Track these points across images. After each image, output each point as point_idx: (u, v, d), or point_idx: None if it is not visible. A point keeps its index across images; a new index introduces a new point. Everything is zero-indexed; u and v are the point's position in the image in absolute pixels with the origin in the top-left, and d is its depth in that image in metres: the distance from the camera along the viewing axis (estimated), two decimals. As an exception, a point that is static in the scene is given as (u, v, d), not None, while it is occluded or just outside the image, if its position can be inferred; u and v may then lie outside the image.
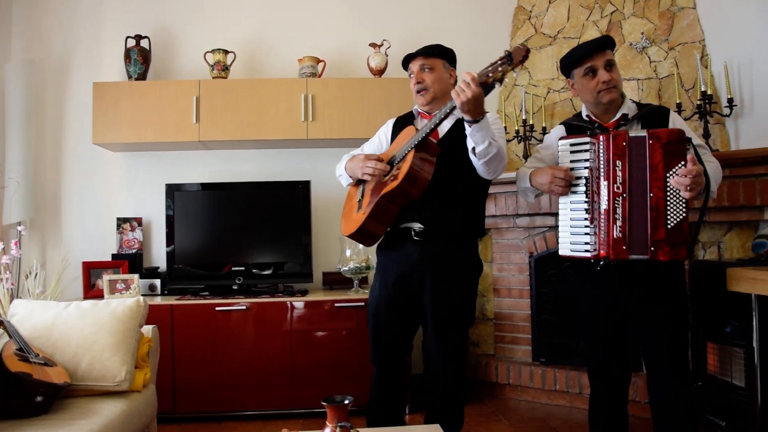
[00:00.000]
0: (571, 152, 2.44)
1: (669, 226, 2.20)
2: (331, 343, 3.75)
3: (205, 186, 4.19)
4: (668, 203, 2.21)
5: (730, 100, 3.44)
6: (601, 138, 2.33)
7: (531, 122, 4.17)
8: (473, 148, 2.41)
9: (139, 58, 4.18)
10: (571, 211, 2.44)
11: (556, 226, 3.90)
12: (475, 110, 2.27)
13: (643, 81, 3.96)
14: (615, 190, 2.29)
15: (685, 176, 2.16)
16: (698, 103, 3.51)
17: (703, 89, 3.50)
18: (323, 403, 1.86)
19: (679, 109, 3.54)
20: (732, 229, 3.40)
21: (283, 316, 3.75)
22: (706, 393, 2.99)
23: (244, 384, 3.70)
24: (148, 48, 4.27)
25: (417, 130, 2.55)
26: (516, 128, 4.22)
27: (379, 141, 2.90)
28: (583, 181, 2.38)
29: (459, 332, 2.66)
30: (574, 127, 2.57)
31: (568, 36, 4.34)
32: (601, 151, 2.33)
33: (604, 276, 2.41)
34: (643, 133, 2.27)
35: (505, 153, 2.50)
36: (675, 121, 2.43)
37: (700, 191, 2.20)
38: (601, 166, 2.32)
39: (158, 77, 4.40)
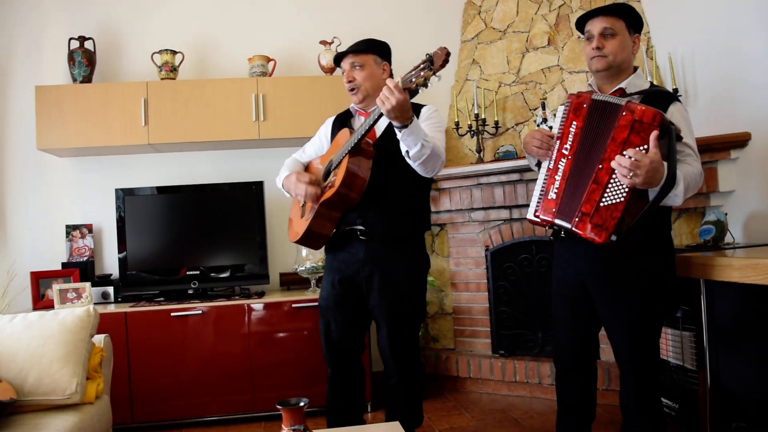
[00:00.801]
0: (561, 118, 2.39)
1: (601, 204, 2.11)
2: (290, 344, 3.72)
3: (157, 189, 4.10)
4: (611, 182, 2.10)
5: (675, 91, 3.50)
6: (567, 99, 2.32)
7: (483, 116, 4.19)
8: (407, 151, 2.41)
9: (84, 60, 4.07)
10: (544, 176, 2.38)
11: (512, 219, 3.95)
12: (402, 116, 2.25)
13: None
14: (563, 150, 2.26)
15: (628, 157, 2.01)
16: (645, 93, 3.57)
17: (649, 80, 3.55)
18: (278, 407, 1.83)
19: (627, 100, 3.60)
20: (681, 215, 3.47)
21: (240, 319, 3.70)
22: (661, 377, 3.05)
23: (203, 390, 3.65)
24: (92, 50, 4.16)
25: (352, 132, 2.54)
26: (469, 123, 4.23)
27: (320, 141, 2.88)
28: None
29: (410, 328, 2.67)
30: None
31: (517, 30, 4.38)
32: (566, 113, 2.30)
33: (574, 261, 2.41)
34: (622, 101, 2.14)
35: (441, 149, 2.50)
36: (674, 113, 2.25)
37: (645, 184, 2.02)
38: (561, 128, 2.30)
39: (104, 79, 4.29)
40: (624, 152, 2.06)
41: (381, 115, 2.31)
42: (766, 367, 2.74)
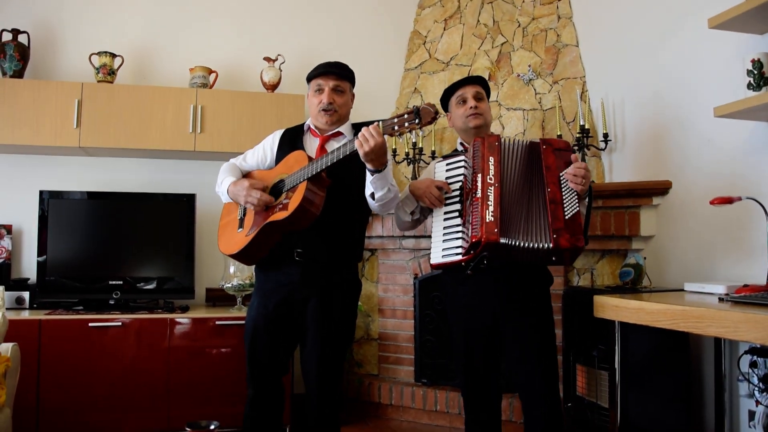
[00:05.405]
0: (447, 170, 2.59)
1: (567, 217, 2.34)
2: (211, 362, 3.64)
3: (84, 194, 3.98)
4: (564, 197, 2.38)
5: (605, 135, 3.64)
6: (475, 143, 2.49)
7: (421, 145, 4.25)
8: (372, 194, 2.43)
9: (16, 54, 3.92)
10: (444, 220, 2.51)
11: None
12: (378, 160, 2.28)
13: (529, 111, 4.13)
14: (487, 181, 2.39)
15: (578, 169, 2.35)
16: (577, 135, 3.68)
17: (581, 123, 3.68)
18: (187, 429, 1.79)
19: (560, 140, 3.72)
20: (604, 256, 3.58)
21: (162, 333, 3.60)
22: (576, 413, 3.13)
23: (118, 404, 3.52)
24: (26, 44, 4.02)
25: (309, 157, 2.49)
26: (406, 150, 4.28)
27: (264, 153, 2.79)
28: (458, 192, 2.50)
29: (340, 353, 2.65)
30: (449, 155, 2.70)
31: (460, 63, 4.47)
32: (476, 154, 2.46)
33: (483, 293, 2.51)
34: (536, 139, 2.52)
35: (399, 193, 2.57)
36: None
37: (585, 188, 2.38)
38: (477, 165, 2.44)
39: (37, 76, 4.14)
40: (564, 172, 2.41)
41: (352, 152, 2.29)
42: (670, 406, 2.87)
